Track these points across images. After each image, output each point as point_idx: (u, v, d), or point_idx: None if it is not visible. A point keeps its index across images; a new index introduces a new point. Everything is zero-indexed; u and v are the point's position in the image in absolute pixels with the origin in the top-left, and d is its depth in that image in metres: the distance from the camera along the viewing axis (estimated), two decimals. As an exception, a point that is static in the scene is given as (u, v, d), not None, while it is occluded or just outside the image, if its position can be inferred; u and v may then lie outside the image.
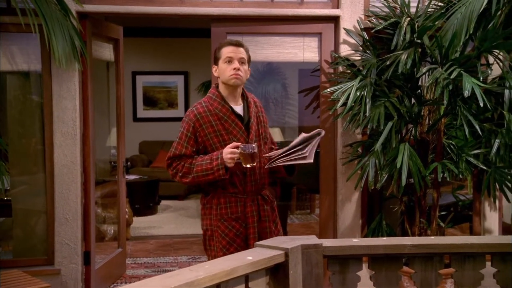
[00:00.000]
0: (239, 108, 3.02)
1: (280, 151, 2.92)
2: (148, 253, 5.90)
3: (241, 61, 2.97)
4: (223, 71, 2.98)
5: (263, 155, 2.99)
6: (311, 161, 2.86)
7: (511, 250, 2.54)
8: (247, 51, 3.04)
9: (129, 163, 8.49)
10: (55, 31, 3.67)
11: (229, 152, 2.84)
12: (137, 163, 9.34)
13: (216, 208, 2.99)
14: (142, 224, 7.27)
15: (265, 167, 2.98)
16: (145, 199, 7.94)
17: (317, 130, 2.92)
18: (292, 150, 2.88)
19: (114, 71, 5.08)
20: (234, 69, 2.93)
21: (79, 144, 4.27)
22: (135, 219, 7.09)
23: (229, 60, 2.95)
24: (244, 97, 3.07)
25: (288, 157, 2.88)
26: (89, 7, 4.23)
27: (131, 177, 8.18)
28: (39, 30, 3.66)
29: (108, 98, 5.54)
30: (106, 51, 4.97)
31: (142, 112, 10.00)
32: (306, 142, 2.89)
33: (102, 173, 6.69)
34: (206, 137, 2.96)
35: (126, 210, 5.91)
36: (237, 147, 2.85)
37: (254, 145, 2.85)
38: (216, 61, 3.03)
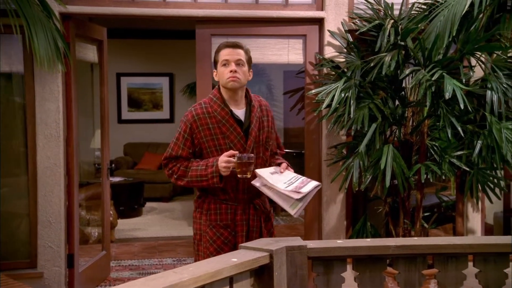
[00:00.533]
0: (240, 112, 2.91)
1: (274, 183, 2.76)
2: (133, 255, 5.87)
3: (239, 63, 2.86)
4: (221, 74, 2.88)
5: (255, 171, 2.83)
6: (295, 215, 2.77)
7: (492, 250, 2.56)
8: (246, 51, 2.93)
9: (113, 165, 8.41)
10: (37, 32, 3.64)
11: (224, 161, 2.75)
12: (122, 165, 9.29)
13: (206, 213, 2.93)
14: (126, 226, 7.23)
15: (252, 182, 2.83)
16: (129, 201, 7.90)
17: (318, 183, 2.82)
18: (286, 193, 2.73)
19: (98, 72, 5.04)
20: (231, 71, 2.83)
21: (62, 146, 4.23)
22: (119, 221, 7.04)
23: (226, 63, 2.86)
24: (247, 100, 2.96)
25: (278, 196, 2.76)
26: (72, 8, 4.20)
27: (116, 179, 8.13)
28: (21, 31, 3.63)
29: (93, 100, 5.50)
30: (90, 53, 4.93)
31: (126, 114, 9.95)
32: (303, 190, 2.73)
33: (86, 175, 6.63)
34: (202, 140, 2.87)
35: (111, 212, 5.88)
36: (233, 156, 2.75)
37: (252, 155, 2.75)
38: (215, 65, 2.94)
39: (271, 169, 2.89)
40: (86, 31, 4.67)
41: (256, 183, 2.82)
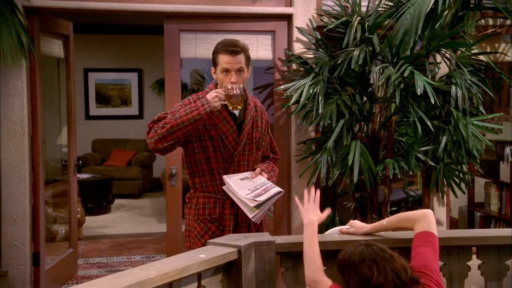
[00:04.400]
0: None
1: (237, 189, 2.76)
2: (101, 252, 5.81)
3: (239, 71, 2.80)
4: (220, 80, 2.82)
5: (223, 176, 2.82)
6: (253, 220, 2.76)
7: (456, 244, 2.62)
8: (246, 52, 2.84)
9: (81, 162, 8.33)
10: (0, 27, 3.56)
11: (213, 92, 2.69)
12: (90, 162, 9.17)
13: (194, 208, 2.89)
14: (94, 223, 7.14)
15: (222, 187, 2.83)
16: (98, 198, 7.81)
17: (279, 190, 2.80)
18: (244, 200, 2.74)
19: (65, 68, 4.96)
20: (232, 82, 2.76)
21: (27, 143, 4.15)
22: (87, 218, 6.96)
23: (226, 71, 2.79)
24: (244, 98, 2.87)
25: (239, 201, 2.76)
26: (36, 2, 4.11)
27: (84, 175, 8.03)
28: (-17, 25, 3.55)
29: (59, 96, 5.42)
30: (55, 48, 4.85)
31: (94, 110, 9.82)
32: (260, 198, 2.73)
33: (53, 172, 6.54)
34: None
35: (78, 209, 5.80)
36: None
37: (241, 86, 2.72)
38: (214, 65, 2.87)
39: (245, 174, 2.89)
40: (51, 26, 4.59)
41: (224, 187, 2.83)
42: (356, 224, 2.61)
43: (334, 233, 2.69)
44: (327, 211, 2.54)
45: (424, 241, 2.21)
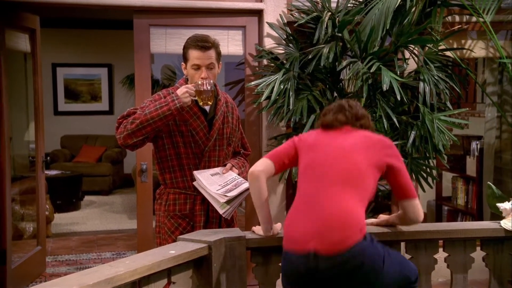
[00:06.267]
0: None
1: (207, 185, 2.75)
2: (70, 250, 5.73)
3: (210, 66, 2.78)
4: (191, 76, 2.80)
5: (194, 172, 2.81)
6: (224, 215, 2.75)
7: (423, 237, 2.67)
8: (216, 48, 2.81)
9: (49, 158, 8.20)
10: (-36, 20, 3.47)
11: (183, 87, 2.68)
12: (59, 158, 9.03)
13: (165, 204, 2.86)
14: (64, 220, 7.05)
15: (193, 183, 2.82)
16: (67, 195, 7.70)
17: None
18: (214, 195, 2.73)
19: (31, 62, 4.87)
20: (202, 78, 2.74)
21: (-7, 139, 4.07)
22: (56, 215, 6.86)
23: (197, 67, 2.77)
24: (214, 94, 2.85)
25: (210, 197, 2.75)
26: (2, -5, 4.03)
27: (52, 172, 7.92)
28: None
29: (27, 91, 5.31)
30: (22, 42, 4.75)
31: (63, 106, 9.68)
32: (230, 193, 2.74)
33: (20, 169, 6.41)
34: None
35: (47, 206, 5.71)
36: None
37: (211, 81, 2.71)
38: (184, 60, 2.84)
39: (215, 169, 2.88)
40: (17, 20, 4.49)
41: (195, 183, 2.82)
42: (381, 217, 2.71)
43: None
44: None
45: None
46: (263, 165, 2.48)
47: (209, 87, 2.71)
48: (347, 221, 2.16)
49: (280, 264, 2.57)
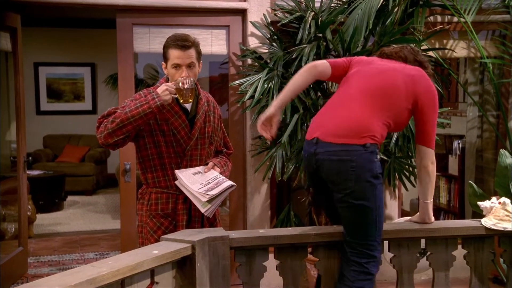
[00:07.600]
0: (187, 103, 2.80)
1: (189, 183, 2.74)
2: (53, 250, 5.68)
3: (190, 66, 2.76)
4: (171, 75, 2.78)
5: (175, 171, 2.79)
6: (206, 214, 2.74)
7: (406, 236, 2.69)
8: (196, 47, 2.80)
9: (31, 158, 8.13)
10: None
11: (164, 85, 2.67)
12: (41, 158, 8.95)
13: (147, 204, 2.85)
14: (46, 221, 6.98)
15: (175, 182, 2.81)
16: (49, 195, 7.63)
17: (231, 184, 2.79)
18: (196, 194, 2.72)
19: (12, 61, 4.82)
20: (182, 77, 2.72)
21: (-26, 139, 4.02)
22: (39, 216, 6.79)
23: (177, 66, 2.75)
24: (196, 93, 2.83)
25: (192, 196, 2.74)
26: (-17, -7, 3.99)
27: (35, 172, 7.84)
28: None
29: (8, 90, 5.25)
30: (3, 41, 4.70)
31: (46, 105, 9.59)
32: (211, 192, 2.73)
33: (2, 169, 6.33)
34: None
35: (29, 207, 5.65)
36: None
37: (192, 79, 2.71)
38: (164, 60, 2.83)
39: (197, 168, 2.86)
40: (-1, 18, 4.44)
41: (177, 182, 2.81)
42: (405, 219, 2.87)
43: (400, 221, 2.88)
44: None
45: None
46: (324, 65, 2.65)
47: (189, 85, 2.70)
48: (354, 126, 2.42)
49: (264, 263, 2.58)
